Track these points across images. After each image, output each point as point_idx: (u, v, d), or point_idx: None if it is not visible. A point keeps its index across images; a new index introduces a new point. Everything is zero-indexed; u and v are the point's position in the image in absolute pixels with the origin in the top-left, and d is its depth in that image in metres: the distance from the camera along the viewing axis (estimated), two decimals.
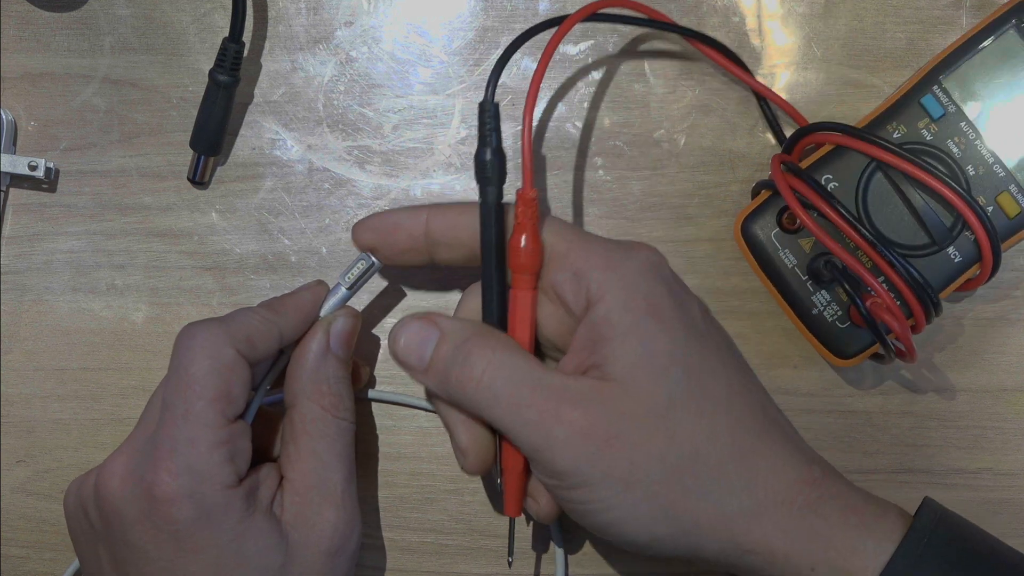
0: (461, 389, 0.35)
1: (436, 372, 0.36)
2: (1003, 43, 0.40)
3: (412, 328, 0.37)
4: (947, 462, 0.44)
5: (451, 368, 0.35)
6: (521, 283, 0.37)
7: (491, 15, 0.45)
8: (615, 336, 0.35)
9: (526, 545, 0.44)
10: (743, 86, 0.45)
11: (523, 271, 0.36)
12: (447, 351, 0.36)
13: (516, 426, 0.34)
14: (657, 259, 0.37)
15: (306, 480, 0.37)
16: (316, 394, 0.38)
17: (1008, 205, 0.40)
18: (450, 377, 0.35)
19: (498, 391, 0.35)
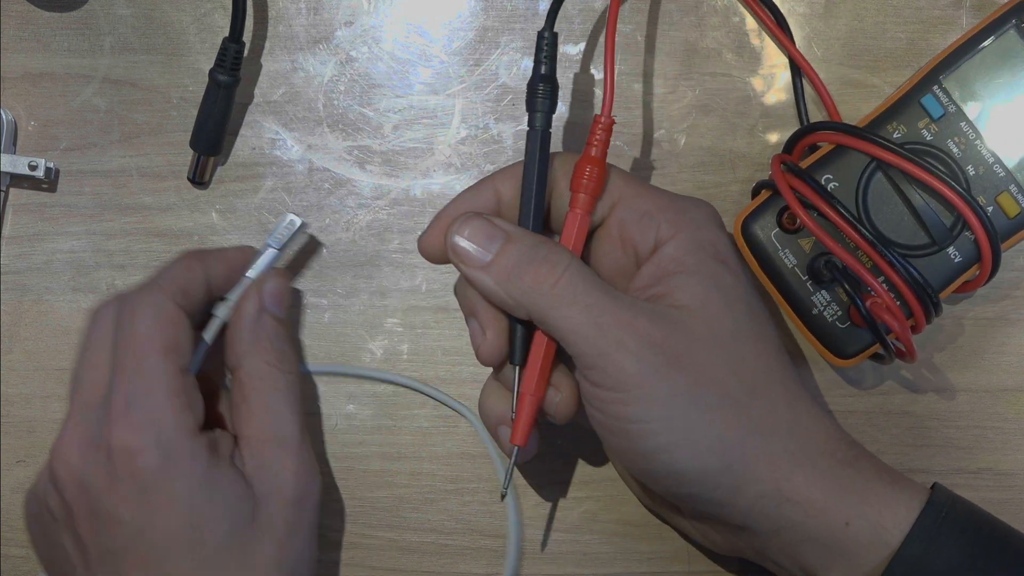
0: (535, 286, 0.35)
1: (501, 268, 0.35)
2: (1003, 43, 0.40)
3: (477, 224, 0.36)
4: (947, 462, 0.44)
5: (524, 265, 0.35)
6: (579, 203, 0.36)
7: (491, 15, 0.45)
8: (684, 270, 0.35)
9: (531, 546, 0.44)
10: (743, 86, 0.45)
11: (584, 191, 0.36)
12: (519, 249, 0.35)
13: (588, 328, 0.34)
14: (714, 211, 0.38)
15: (263, 434, 0.37)
16: (259, 351, 0.39)
17: (1008, 205, 0.40)
18: (522, 274, 0.35)
19: (578, 291, 0.34)
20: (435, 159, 0.45)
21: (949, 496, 0.36)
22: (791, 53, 0.44)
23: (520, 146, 0.45)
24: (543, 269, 0.35)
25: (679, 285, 0.35)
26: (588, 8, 0.45)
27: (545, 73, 0.37)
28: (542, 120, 0.37)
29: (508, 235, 0.36)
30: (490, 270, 0.35)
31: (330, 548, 0.44)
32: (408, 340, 0.45)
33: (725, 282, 0.36)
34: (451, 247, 0.36)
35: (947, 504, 0.36)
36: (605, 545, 0.44)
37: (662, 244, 0.36)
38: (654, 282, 0.36)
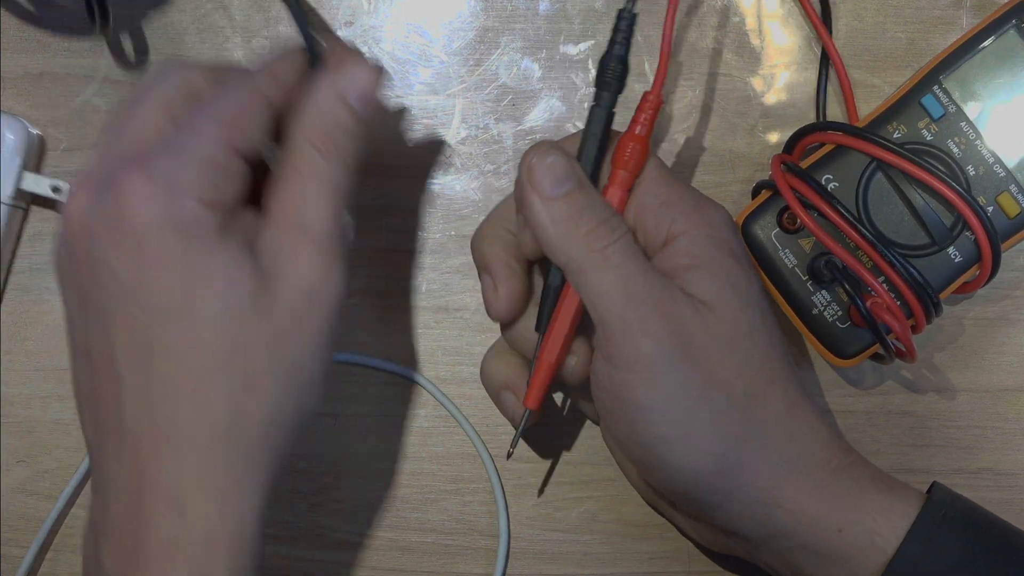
0: (587, 241, 0.34)
1: (564, 208, 0.35)
2: (1003, 43, 0.40)
3: (559, 157, 0.35)
4: (947, 462, 0.44)
5: (586, 217, 0.34)
6: (619, 180, 0.36)
7: (491, 15, 0.45)
8: (701, 265, 0.35)
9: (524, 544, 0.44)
10: (743, 86, 0.45)
11: (626, 168, 0.36)
12: (586, 200, 0.35)
13: (619, 294, 0.34)
14: (731, 217, 0.38)
15: (285, 218, 0.34)
16: (312, 132, 0.34)
17: (1008, 205, 0.40)
18: (580, 224, 0.34)
19: (622, 259, 0.34)
20: (435, 159, 0.45)
21: (949, 495, 0.36)
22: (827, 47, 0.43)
23: (520, 147, 0.45)
24: (601, 229, 0.34)
25: (695, 280, 0.35)
26: (588, 8, 0.45)
27: (619, 53, 0.36)
28: (608, 99, 0.36)
29: (581, 183, 0.35)
30: (553, 205, 0.35)
31: (330, 548, 0.44)
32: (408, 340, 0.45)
33: (740, 281, 0.36)
34: (528, 166, 0.35)
35: (946, 503, 0.36)
36: (605, 545, 0.44)
37: (674, 237, 0.35)
38: (667, 274, 0.35)
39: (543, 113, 0.45)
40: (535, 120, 0.45)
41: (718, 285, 0.35)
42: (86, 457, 0.44)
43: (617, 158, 0.36)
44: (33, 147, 0.44)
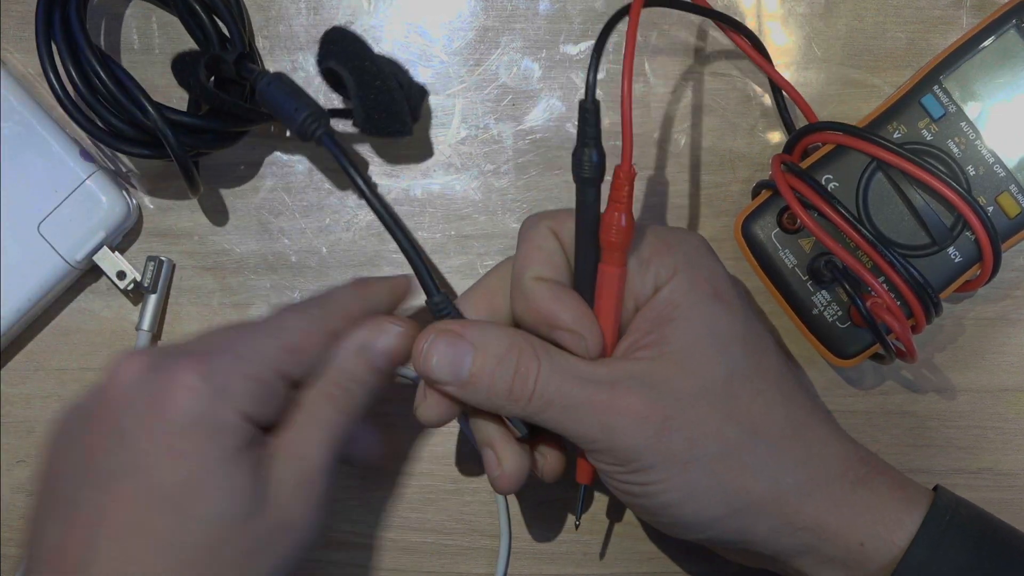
0: (513, 400, 0.35)
1: (478, 386, 0.35)
2: (1003, 43, 0.40)
3: (442, 345, 0.35)
4: (947, 462, 0.44)
5: (497, 381, 0.35)
6: (612, 259, 0.36)
7: (491, 15, 0.45)
8: (679, 316, 0.35)
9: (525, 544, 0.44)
10: (743, 86, 0.45)
11: (615, 248, 0.35)
12: (489, 365, 0.35)
13: (571, 422, 0.34)
14: (704, 241, 0.38)
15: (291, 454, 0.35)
16: (333, 390, 0.36)
17: (1008, 205, 0.40)
18: (498, 390, 0.35)
19: (552, 393, 0.34)
20: (435, 159, 0.45)
21: (952, 500, 0.36)
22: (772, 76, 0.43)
23: (520, 147, 0.45)
24: (516, 384, 0.35)
25: (671, 333, 0.35)
26: (588, 8, 0.45)
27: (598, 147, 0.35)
28: (594, 195, 0.35)
29: (475, 348, 0.35)
30: (468, 388, 0.35)
31: (330, 548, 0.44)
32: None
33: (720, 323, 0.36)
34: (424, 373, 0.35)
35: (950, 509, 0.36)
36: (605, 545, 0.44)
37: (659, 289, 0.36)
38: (650, 328, 0.36)
39: (543, 113, 0.45)
40: (535, 120, 0.45)
41: (696, 335, 0.35)
42: None
43: (606, 239, 0.35)
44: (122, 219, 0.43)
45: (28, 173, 0.43)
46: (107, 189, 0.43)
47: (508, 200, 0.45)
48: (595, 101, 0.34)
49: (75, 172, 0.43)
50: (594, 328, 0.36)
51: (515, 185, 0.45)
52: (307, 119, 0.39)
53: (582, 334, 0.35)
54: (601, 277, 0.36)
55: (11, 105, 0.43)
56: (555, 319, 0.35)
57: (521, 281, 0.36)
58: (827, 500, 0.35)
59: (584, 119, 0.35)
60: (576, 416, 0.34)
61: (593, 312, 0.36)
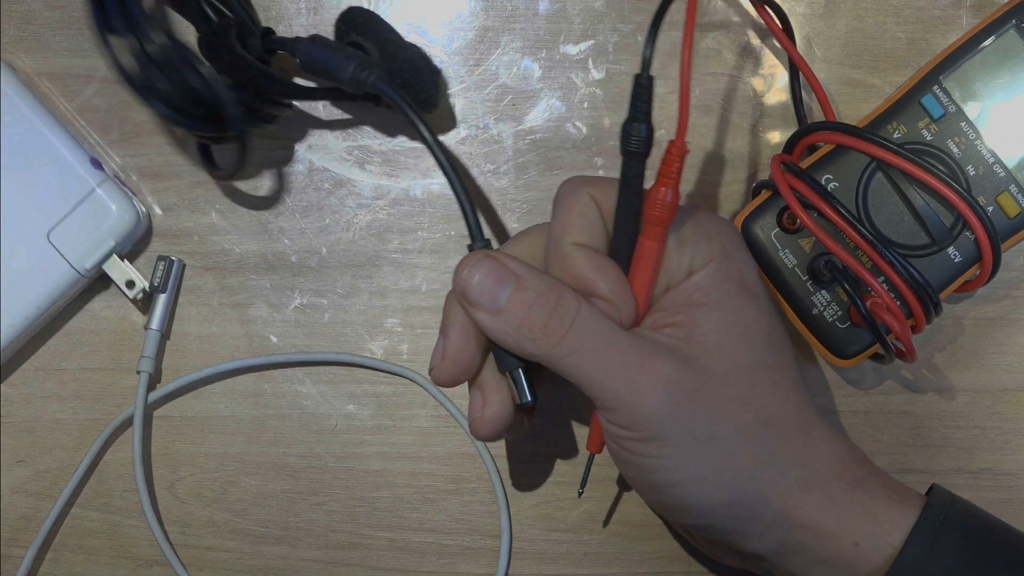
0: (544, 336, 0.34)
1: (511, 316, 0.35)
2: (1003, 43, 0.40)
3: (486, 267, 0.35)
4: (947, 462, 0.44)
5: (534, 315, 0.34)
6: (653, 234, 0.36)
7: (491, 15, 0.45)
8: (709, 302, 0.35)
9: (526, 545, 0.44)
10: (743, 86, 0.45)
11: (658, 223, 0.35)
12: (528, 298, 0.35)
13: (598, 372, 0.34)
14: (739, 233, 0.38)
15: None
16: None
17: (1008, 205, 0.40)
18: (532, 323, 0.34)
19: (585, 339, 0.34)
20: None
21: (947, 498, 0.36)
22: (793, 56, 0.43)
23: (520, 147, 0.45)
24: (552, 321, 0.34)
25: (702, 318, 0.35)
26: (588, 8, 0.45)
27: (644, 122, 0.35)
28: (639, 169, 0.35)
29: (518, 279, 0.35)
30: (500, 317, 0.35)
31: (330, 548, 0.44)
32: (408, 340, 0.45)
33: (747, 314, 0.36)
34: (461, 290, 0.35)
35: (945, 507, 0.36)
36: (605, 545, 0.44)
37: (694, 272, 0.36)
38: (680, 309, 0.36)
39: (543, 113, 0.45)
40: (535, 120, 0.45)
41: (724, 324, 0.35)
42: (86, 457, 0.44)
43: (649, 213, 0.35)
44: (131, 227, 0.43)
45: (38, 181, 0.43)
46: (117, 198, 0.43)
47: (508, 200, 0.45)
48: (649, 76, 0.34)
49: (85, 180, 0.43)
50: (630, 300, 0.36)
51: (515, 185, 0.45)
52: (356, 68, 0.39)
53: (618, 304, 0.35)
54: (640, 250, 0.36)
55: (21, 112, 0.43)
56: (593, 286, 0.35)
57: (560, 246, 0.36)
58: (825, 498, 0.35)
59: (637, 94, 0.34)
60: (605, 367, 0.34)
61: (628, 282, 0.36)
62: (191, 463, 0.45)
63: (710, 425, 0.34)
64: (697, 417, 0.34)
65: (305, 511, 0.45)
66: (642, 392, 0.34)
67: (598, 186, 0.36)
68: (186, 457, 0.45)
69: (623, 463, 0.36)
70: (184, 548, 0.45)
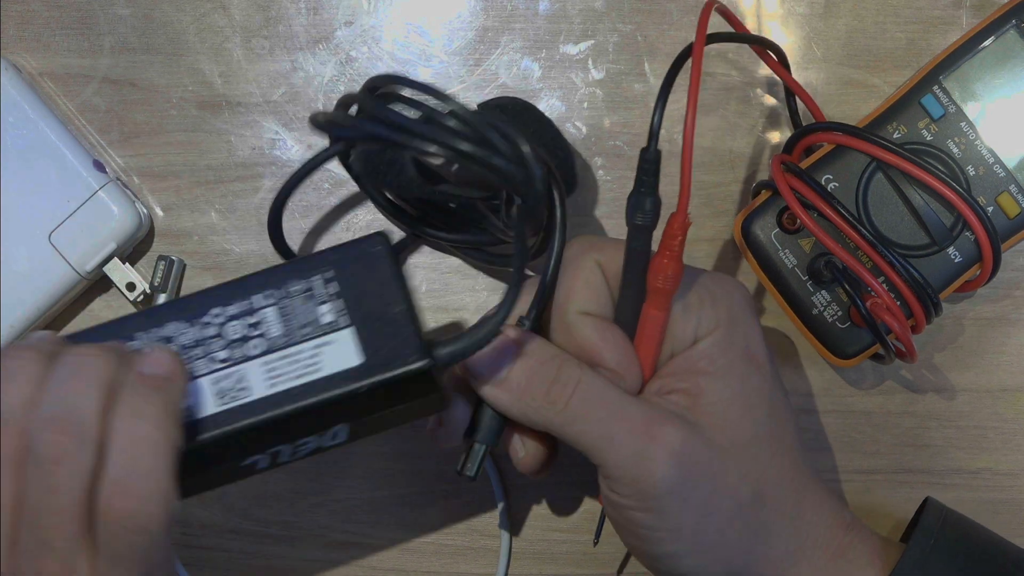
0: (548, 404, 0.34)
1: (514, 386, 0.35)
2: (1003, 43, 0.40)
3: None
4: (947, 462, 0.44)
5: (537, 384, 0.34)
6: (658, 303, 0.36)
7: (491, 15, 0.45)
8: (714, 371, 0.35)
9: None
10: (743, 86, 0.45)
11: (663, 295, 0.35)
12: (531, 365, 0.35)
13: (603, 440, 0.34)
14: (747, 293, 0.37)
15: None
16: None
17: (1008, 205, 0.40)
18: (535, 392, 0.34)
19: (590, 407, 0.34)
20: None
21: (939, 518, 0.37)
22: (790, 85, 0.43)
23: None
24: (555, 388, 0.34)
25: (707, 387, 0.35)
26: (588, 8, 0.45)
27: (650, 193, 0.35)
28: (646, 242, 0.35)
29: (519, 348, 0.35)
30: (503, 387, 0.35)
31: (330, 548, 0.44)
32: None
33: (751, 384, 0.36)
34: (464, 365, 0.35)
35: (937, 528, 0.36)
36: (605, 545, 0.44)
37: (700, 339, 0.36)
38: (685, 376, 0.35)
39: None
40: None
41: (728, 394, 0.35)
42: None
43: (653, 284, 0.35)
44: (133, 230, 0.43)
45: (40, 182, 0.43)
46: (119, 200, 0.43)
47: None
48: (657, 151, 0.34)
49: (88, 182, 0.43)
50: (636, 370, 0.35)
51: None
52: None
53: (624, 376, 0.35)
54: (644, 319, 0.36)
55: (25, 114, 0.43)
56: (599, 357, 0.35)
57: (566, 314, 0.36)
58: (811, 569, 0.36)
59: (643, 168, 0.35)
60: (609, 435, 0.34)
61: (634, 352, 0.36)
62: None
63: (710, 498, 0.34)
64: (698, 491, 0.34)
65: (305, 511, 0.45)
66: (647, 462, 0.33)
67: (604, 251, 0.36)
68: None
69: (620, 528, 0.36)
70: (184, 548, 0.45)
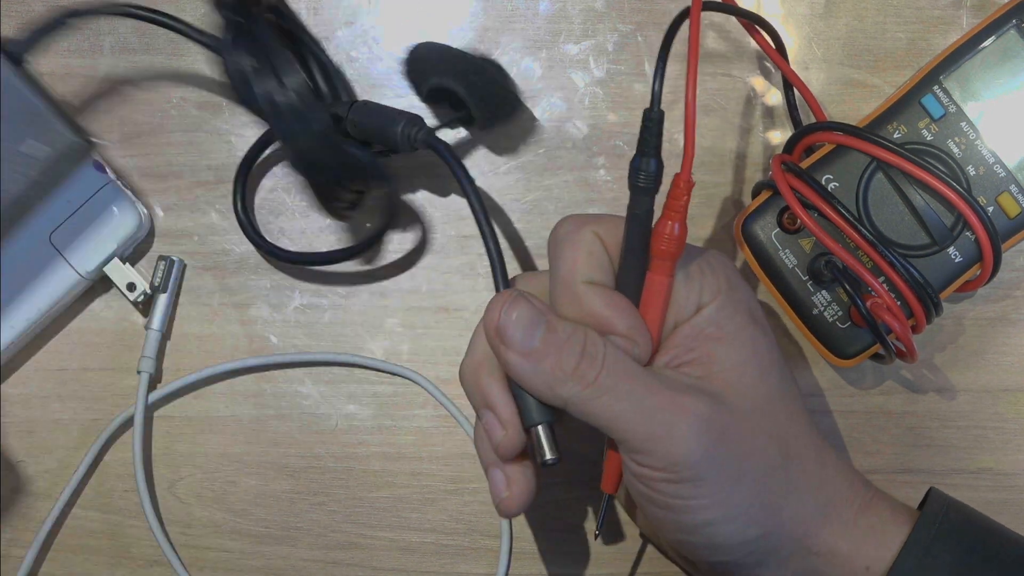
0: (575, 378, 0.34)
1: (542, 357, 0.34)
2: (1003, 43, 0.40)
3: (522, 306, 0.34)
4: (947, 462, 0.44)
5: (566, 357, 0.34)
6: (662, 268, 0.35)
7: (491, 15, 0.45)
8: (723, 336, 0.35)
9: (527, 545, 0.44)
10: (743, 86, 0.45)
11: (667, 258, 0.35)
12: (560, 339, 0.34)
13: (633, 414, 0.33)
14: (735, 265, 0.37)
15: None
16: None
17: (1008, 205, 0.40)
18: (563, 365, 0.34)
19: (618, 379, 0.34)
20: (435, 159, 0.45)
21: (943, 506, 0.37)
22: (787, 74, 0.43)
23: (520, 147, 0.45)
24: (584, 363, 0.34)
25: (719, 354, 0.35)
26: (588, 8, 0.45)
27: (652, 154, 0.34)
28: (648, 204, 0.35)
29: (550, 323, 0.34)
30: (531, 358, 0.34)
31: (330, 548, 0.44)
32: (408, 340, 0.45)
33: (760, 347, 0.36)
34: (498, 328, 0.34)
35: (940, 514, 0.36)
36: (605, 545, 0.44)
37: (704, 307, 0.36)
38: (693, 345, 0.35)
39: (543, 113, 0.45)
40: (535, 120, 0.45)
41: (740, 358, 0.35)
42: (86, 456, 0.44)
43: (657, 248, 0.35)
44: (133, 230, 0.43)
45: (40, 182, 0.42)
46: (120, 201, 0.43)
47: (508, 200, 0.45)
48: (660, 111, 0.34)
49: (87, 182, 0.43)
50: (646, 336, 0.35)
51: (515, 185, 0.45)
52: (406, 126, 0.39)
53: (636, 340, 0.35)
54: (649, 286, 0.35)
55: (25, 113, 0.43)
56: (610, 324, 0.35)
57: (572, 285, 0.35)
58: (840, 524, 0.36)
59: (647, 128, 0.34)
60: (638, 408, 0.33)
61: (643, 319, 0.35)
62: (191, 463, 0.45)
63: (741, 462, 0.34)
64: (730, 455, 0.34)
65: (305, 511, 0.45)
66: (677, 432, 0.33)
67: (601, 223, 0.36)
68: (186, 457, 0.45)
69: (652, 504, 0.35)
70: (184, 548, 0.45)
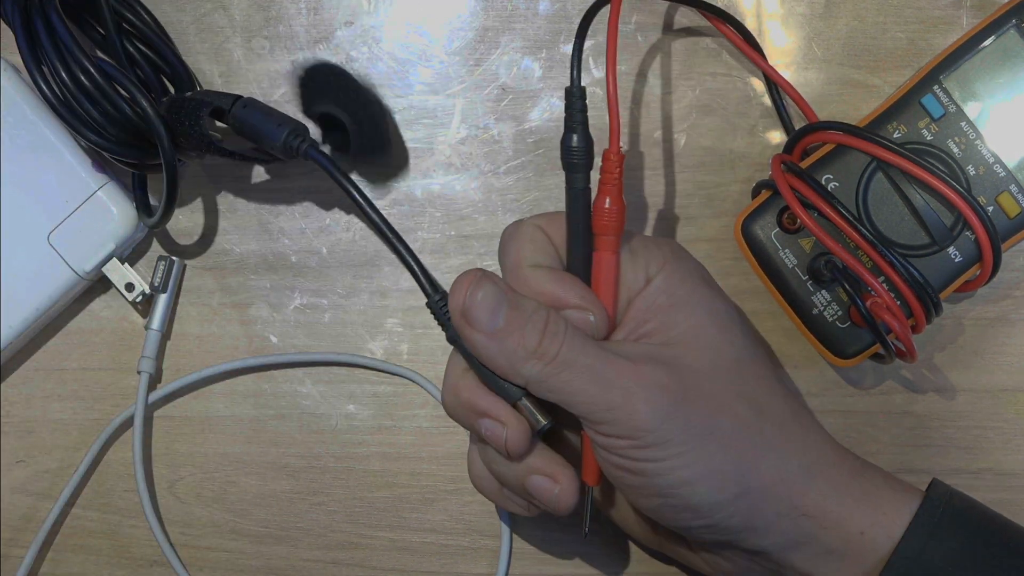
0: (538, 356, 0.34)
1: (508, 336, 0.35)
2: (1003, 43, 0.40)
3: (489, 290, 0.35)
4: (947, 462, 0.44)
5: (528, 334, 0.34)
6: (606, 244, 0.36)
7: (491, 15, 0.45)
8: (676, 303, 0.36)
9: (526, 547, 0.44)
10: (743, 86, 0.45)
11: (608, 232, 0.36)
12: (522, 316, 0.35)
13: (591, 386, 0.34)
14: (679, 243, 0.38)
15: None
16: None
17: (1008, 205, 0.40)
18: (526, 343, 0.34)
19: (576, 354, 0.34)
20: (435, 159, 0.45)
21: (947, 491, 0.37)
22: (761, 67, 0.43)
23: (520, 147, 0.45)
24: (546, 339, 0.34)
25: (673, 320, 0.35)
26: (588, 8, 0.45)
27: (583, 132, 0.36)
28: (583, 181, 0.36)
29: (512, 302, 0.35)
30: (496, 337, 0.35)
31: (330, 548, 0.44)
32: (408, 340, 0.45)
33: (717, 308, 0.36)
34: (463, 308, 0.35)
35: (944, 499, 0.36)
36: (605, 545, 0.44)
37: (652, 278, 0.36)
38: (648, 317, 0.36)
39: (543, 113, 0.45)
40: (535, 120, 0.45)
41: (696, 320, 0.36)
42: (86, 456, 0.44)
43: (598, 225, 0.36)
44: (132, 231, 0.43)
45: (40, 182, 0.43)
46: (118, 201, 0.43)
47: (508, 200, 0.45)
48: (580, 87, 0.35)
49: (87, 183, 0.43)
50: (600, 306, 0.36)
51: (515, 185, 0.45)
52: (289, 136, 0.39)
53: (590, 309, 0.35)
54: (597, 265, 0.36)
55: (24, 114, 0.43)
56: (561, 299, 0.35)
57: (519, 271, 0.36)
58: (829, 485, 0.35)
59: (570, 103, 0.35)
60: (597, 379, 0.34)
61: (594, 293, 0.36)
62: (191, 463, 0.45)
63: (708, 420, 0.34)
64: (694, 414, 0.34)
65: (305, 511, 0.45)
66: (637, 398, 0.34)
67: (542, 217, 0.37)
68: (186, 457, 0.45)
69: (626, 472, 0.35)
70: (184, 548, 0.45)
